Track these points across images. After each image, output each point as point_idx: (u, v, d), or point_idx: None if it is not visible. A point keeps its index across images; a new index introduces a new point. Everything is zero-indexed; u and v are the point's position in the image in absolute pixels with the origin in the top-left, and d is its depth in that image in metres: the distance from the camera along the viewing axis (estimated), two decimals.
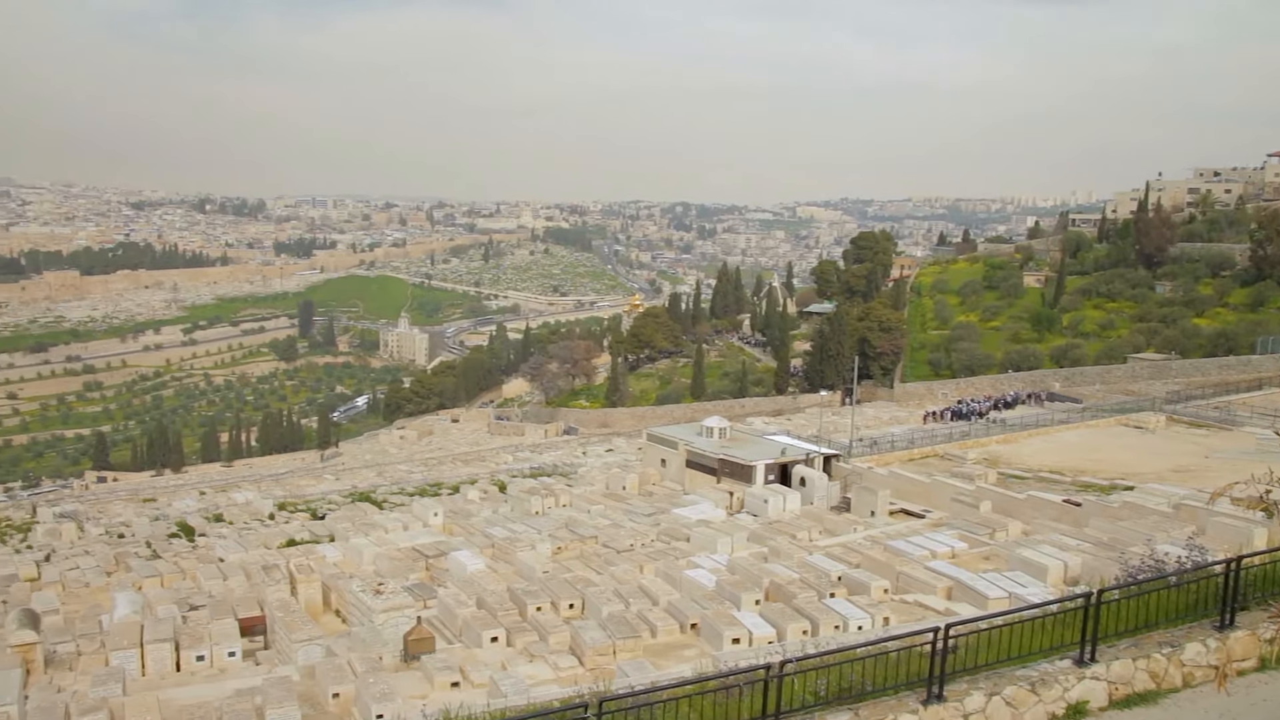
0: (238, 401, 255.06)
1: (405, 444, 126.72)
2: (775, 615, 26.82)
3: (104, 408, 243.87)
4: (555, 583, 31.62)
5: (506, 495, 56.14)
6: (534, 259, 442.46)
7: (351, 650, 25.62)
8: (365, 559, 38.89)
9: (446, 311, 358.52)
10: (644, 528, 41.52)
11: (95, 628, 30.70)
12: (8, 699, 21.84)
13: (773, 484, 46.70)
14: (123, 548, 48.92)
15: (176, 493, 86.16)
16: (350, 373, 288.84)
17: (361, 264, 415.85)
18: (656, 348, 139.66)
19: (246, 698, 21.24)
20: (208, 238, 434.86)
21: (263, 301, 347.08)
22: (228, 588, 36.42)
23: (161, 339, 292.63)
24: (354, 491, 71.30)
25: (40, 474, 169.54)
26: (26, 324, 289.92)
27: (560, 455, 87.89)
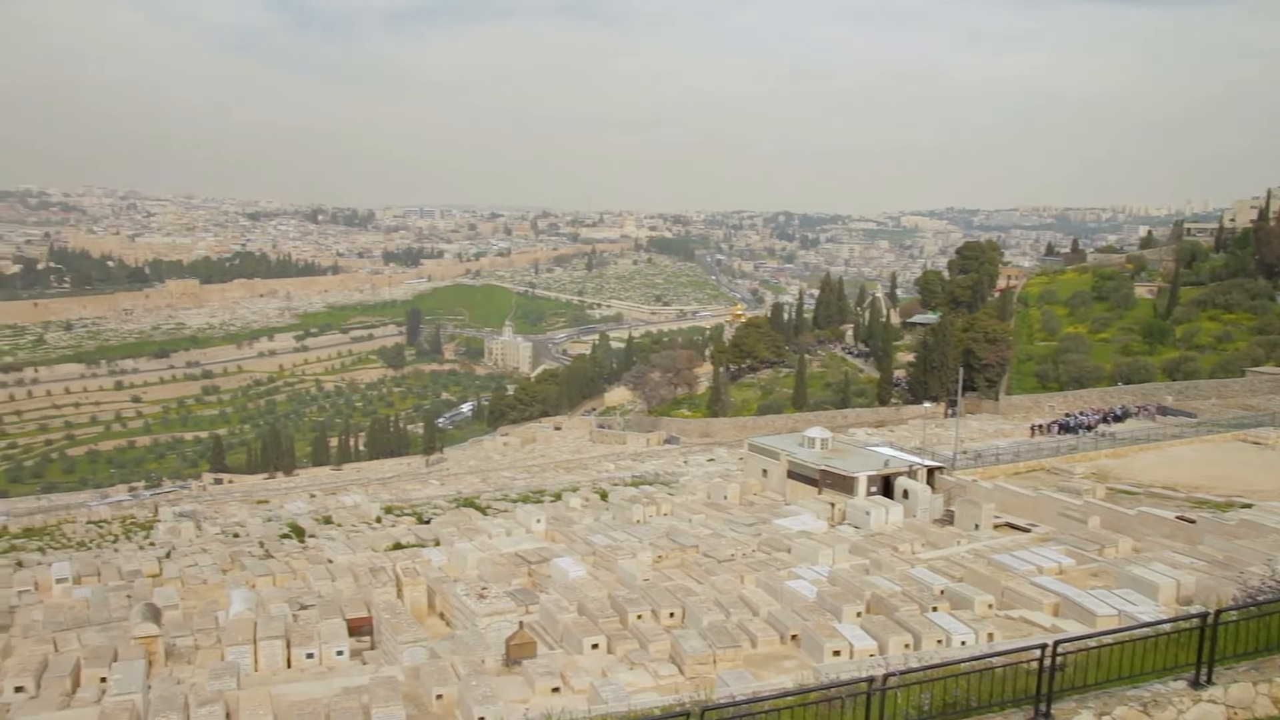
0: (347, 407, 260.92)
1: (509, 451, 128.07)
2: (877, 628, 26.49)
3: (221, 411, 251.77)
4: (656, 591, 31.68)
5: (608, 503, 56.43)
6: (637, 268, 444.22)
7: (455, 653, 26.02)
8: (469, 564, 39.45)
9: (550, 320, 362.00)
10: (745, 538, 41.36)
11: (212, 623, 31.78)
12: (133, 688, 22.74)
13: (875, 496, 46.12)
14: (238, 547, 50.51)
15: (288, 495, 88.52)
16: (455, 380, 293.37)
17: (467, 273, 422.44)
18: (758, 357, 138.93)
19: (353, 696, 21.72)
20: (320, 247, 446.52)
21: (372, 310, 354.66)
22: (336, 588, 37.33)
23: (275, 346, 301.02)
24: (458, 497, 72.41)
25: (161, 474, 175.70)
26: (150, 330, 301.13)
27: (662, 464, 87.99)
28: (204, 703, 21.11)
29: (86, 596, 39.84)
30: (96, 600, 38.30)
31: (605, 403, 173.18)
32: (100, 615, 35.57)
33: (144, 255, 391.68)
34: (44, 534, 71.05)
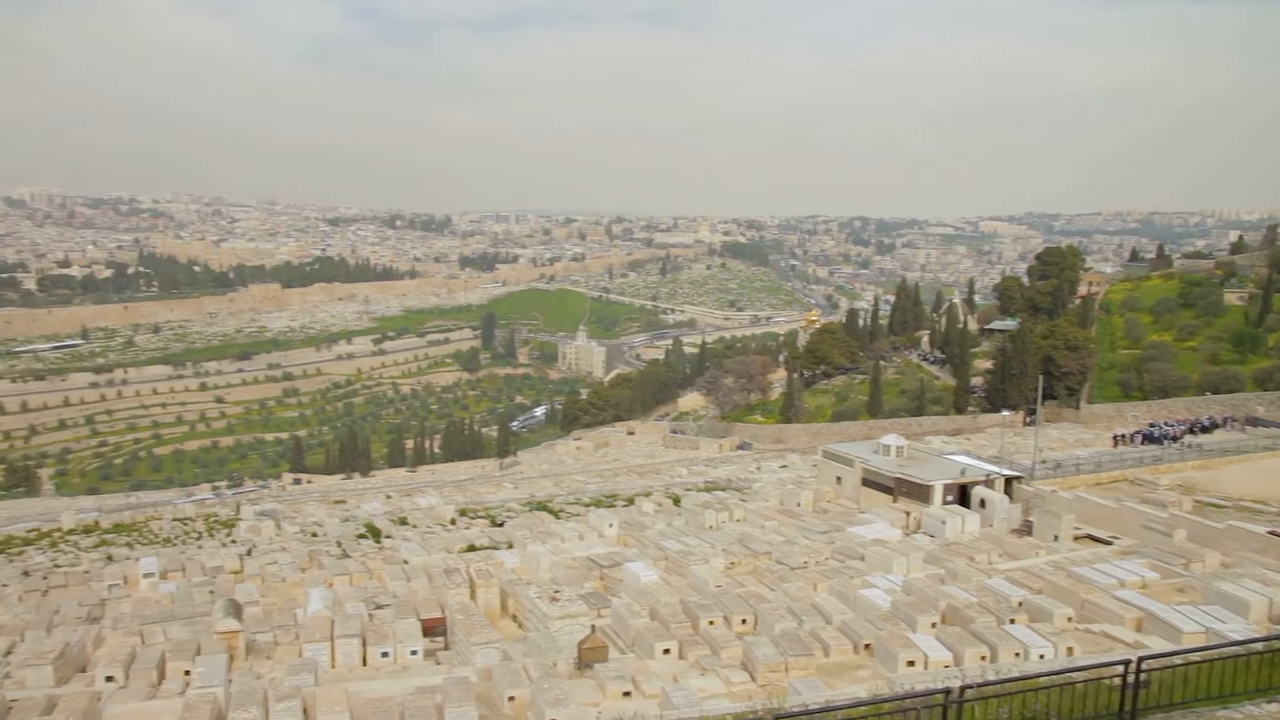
0: (423, 410, 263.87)
1: (581, 455, 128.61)
2: (952, 639, 26.11)
3: (300, 413, 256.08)
4: (728, 597, 31.60)
5: (681, 508, 56.44)
6: (711, 273, 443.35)
7: (527, 655, 26.20)
8: (542, 566, 39.70)
9: (624, 325, 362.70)
10: (818, 545, 41.09)
11: (291, 620, 32.43)
12: (215, 681, 23.29)
13: (951, 505, 45.50)
14: (316, 546, 51.45)
15: (365, 496, 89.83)
16: (529, 384, 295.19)
17: (542, 278, 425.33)
18: (833, 364, 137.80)
19: (427, 696, 21.96)
20: (397, 252, 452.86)
21: (447, 314, 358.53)
22: (411, 589, 37.82)
23: (353, 349, 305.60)
24: (532, 500, 72.89)
25: (243, 474, 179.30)
26: (233, 333, 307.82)
27: (734, 470, 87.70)
28: (282, 698, 21.51)
29: (172, 591, 40.93)
30: (181, 595, 39.33)
31: (678, 408, 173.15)
32: (185, 610, 36.51)
33: (228, 260, 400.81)
34: (132, 530, 73.02)
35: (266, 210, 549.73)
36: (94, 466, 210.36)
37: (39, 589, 45.51)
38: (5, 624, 37.41)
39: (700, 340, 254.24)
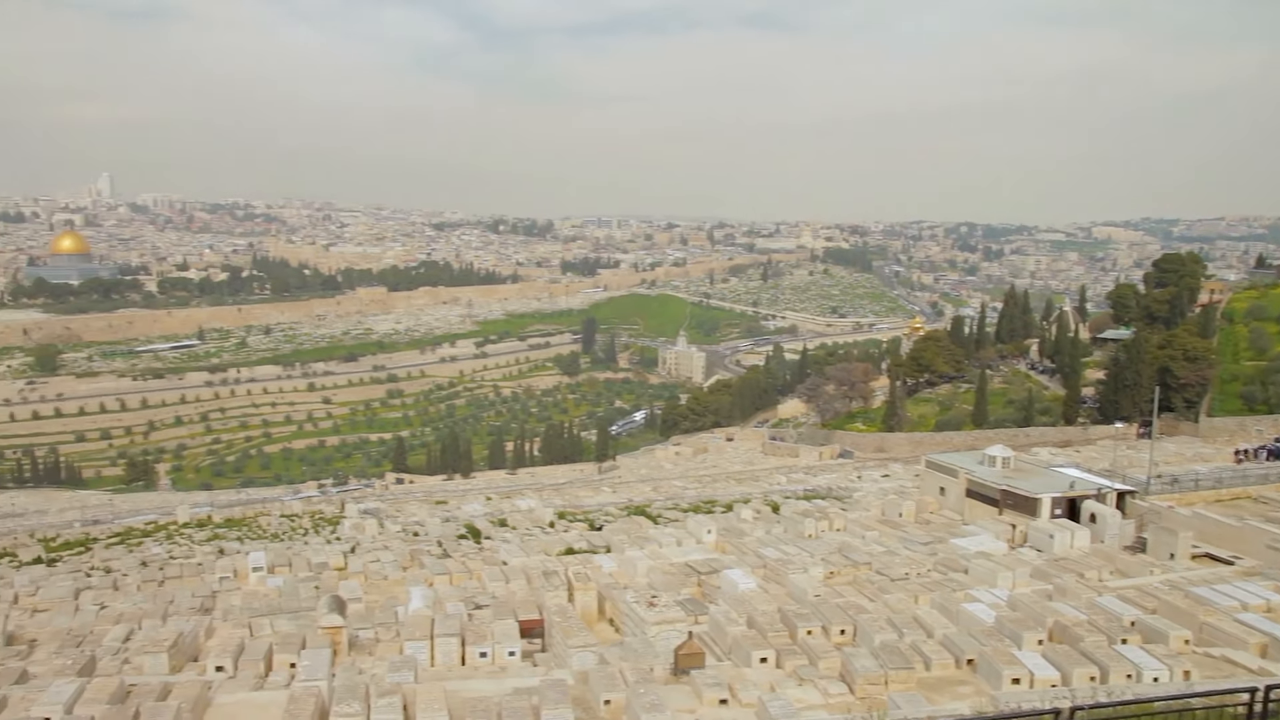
0: (523, 413, 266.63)
1: (680, 460, 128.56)
2: (1060, 658, 25.31)
3: (403, 414, 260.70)
4: (827, 607, 31.17)
5: (780, 516, 55.96)
6: (813, 279, 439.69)
7: (623, 660, 26.16)
8: (639, 571, 39.70)
9: (724, 331, 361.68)
10: (920, 556, 40.32)
11: (392, 618, 32.97)
12: (319, 675, 23.75)
13: (1059, 518, 44.23)
14: (417, 545, 52.29)
15: (465, 497, 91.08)
16: (629, 388, 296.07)
17: (642, 283, 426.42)
18: (937, 372, 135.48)
19: (524, 697, 22.06)
20: (500, 257, 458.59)
21: (549, 318, 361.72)
22: (510, 590, 38.15)
23: (456, 352, 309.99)
24: (630, 505, 73.05)
25: (348, 473, 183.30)
26: (340, 335, 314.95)
27: (835, 478, 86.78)
28: (383, 694, 21.81)
29: (279, 586, 41.96)
30: (288, 590, 40.30)
31: (778, 414, 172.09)
32: (291, 604, 37.41)
33: (337, 264, 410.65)
34: (242, 525, 75.14)
35: (374, 215, 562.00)
36: (207, 463, 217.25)
37: (156, 579, 47.12)
38: (125, 612, 38.83)
39: (801, 346, 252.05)
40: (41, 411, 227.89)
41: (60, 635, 35.36)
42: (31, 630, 37.10)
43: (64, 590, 44.31)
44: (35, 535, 79.37)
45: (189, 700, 22.22)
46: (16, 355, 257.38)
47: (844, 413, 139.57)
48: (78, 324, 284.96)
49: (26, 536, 78.82)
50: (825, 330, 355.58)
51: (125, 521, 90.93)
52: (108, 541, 68.81)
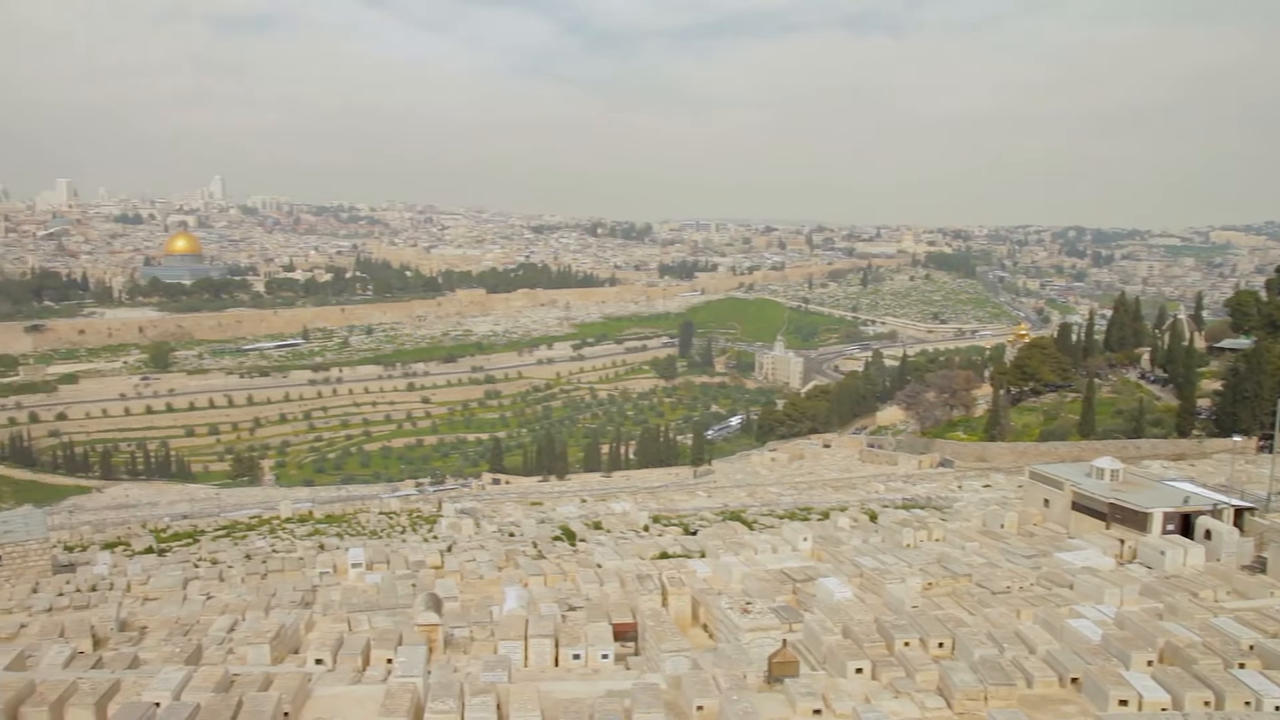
0: (619, 416, 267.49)
1: (776, 466, 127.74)
2: (1171, 680, 24.33)
3: (500, 415, 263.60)
4: (925, 619, 30.50)
5: (877, 525, 55.14)
6: (913, 284, 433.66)
7: (717, 665, 25.93)
8: (734, 577, 39.41)
9: (822, 336, 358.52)
10: (1022, 570, 39.24)
11: (487, 617, 33.25)
12: (415, 672, 23.99)
13: (1171, 534, 42.69)
14: (512, 545, 52.67)
15: (560, 498, 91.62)
16: (725, 393, 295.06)
17: (740, 286, 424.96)
18: (1042, 380, 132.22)
19: (616, 700, 21.97)
20: (598, 259, 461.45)
21: (646, 321, 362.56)
22: (604, 592, 38.17)
23: (553, 354, 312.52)
24: (725, 510, 72.71)
25: (445, 472, 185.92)
26: (440, 336, 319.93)
27: (934, 487, 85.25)
28: (477, 693, 21.92)
29: (377, 582, 42.64)
30: (385, 586, 40.91)
31: (876, 422, 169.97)
32: (388, 600, 37.96)
33: (437, 265, 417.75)
34: (342, 521, 76.66)
35: (475, 218, 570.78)
36: (309, 460, 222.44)
37: (259, 572, 48.27)
38: (230, 603, 39.88)
39: (901, 353, 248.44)
40: (154, 406, 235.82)
41: (169, 623, 36.47)
42: (143, 617, 38.34)
43: (173, 580, 45.68)
44: (147, 526, 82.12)
45: (289, 691, 22.64)
46: (132, 352, 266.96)
47: (944, 421, 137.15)
48: (189, 322, 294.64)
49: (139, 527, 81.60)
50: (926, 336, 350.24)
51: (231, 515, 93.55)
52: (214, 534, 70.81)
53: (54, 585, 44.98)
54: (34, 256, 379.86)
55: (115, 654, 30.39)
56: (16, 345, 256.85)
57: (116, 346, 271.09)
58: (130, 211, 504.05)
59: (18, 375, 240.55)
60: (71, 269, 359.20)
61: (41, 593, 43.47)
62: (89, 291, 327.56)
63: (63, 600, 41.76)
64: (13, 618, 38.40)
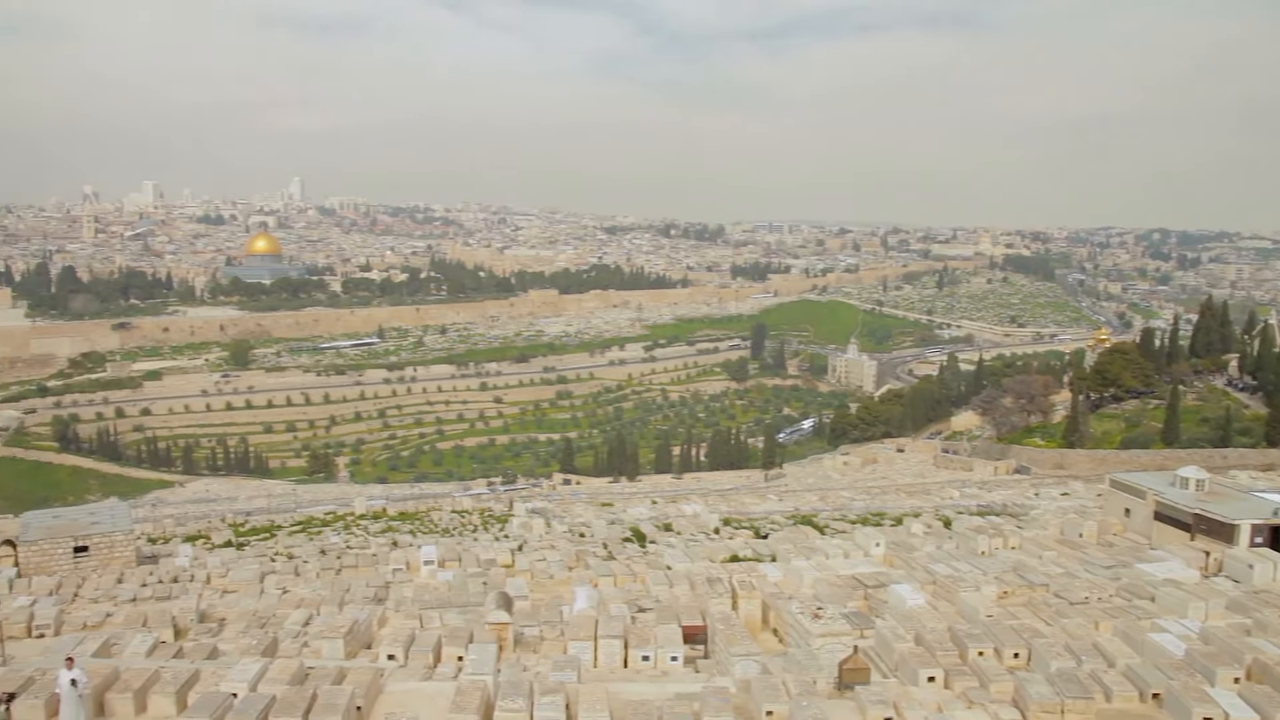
0: (690, 417, 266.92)
1: (848, 470, 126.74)
2: (1260, 699, 23.53)
3: (572, 415, 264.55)
4: (1000, 628, 29.96)
5: (951, 532, 54.36)
6: (990, 287, 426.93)
7: (786, 671, 25.74)
8: (805, 582, 39.11)
9: (896, 339, 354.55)
10: (1102, 581, 38.36)
11: (557, 617, 33.38)
12: (485, 670, 24.18)
13: (1260, 547, 41.42)
14: (583, 546, 52.85)
15: (631, 500, 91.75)
16: (797, 396, 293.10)
17: (813, 289, 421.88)
18: (1123, 387, 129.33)
19: (685, 702, 21.92)
20: (670, 261, 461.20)
21: (718, 323, 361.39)
22: (673, 594, 38.11)
23: (625, 355, 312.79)
24: (796, 514, 72.26)
25: (517, 472, 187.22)
26: (512, 336, 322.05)
27: (1010, 495, 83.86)
28: (547, 692, 22.01)
29: (449, 580, 43.04)
30: (457, 584, 41.29)
31: (951, 427, 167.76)
32: (459, 598, 38.30)
33: (510, 266, 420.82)
34: (415, 519, 77.53)
35: (548, 219, 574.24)
36: (384, 457, 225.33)
37: (333, 567, 49.03)
38: (305, 597, 40.56)
39: (977, 357, 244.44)
40: (234, 403, 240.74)
41: (246, 616, 37.23)
42: (221, 609, 39.19)
43: (251, 574, 46.60)
44: (226, 520, 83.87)
45: (362, 686, 22.98)
46: (213, 349, 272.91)
47: (1021, 427, 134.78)
48: (268, 321, 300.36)
49: (219, 521, 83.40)
50: (1003, 340, 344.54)
51: (306, 511, 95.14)
52: (290, 529, 72.08)
53: (138, 576, 46.13)
54: (121, 256, 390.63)
55: (195, 644, 31.07)
56: (104, 342, 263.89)
57: (198, 344, 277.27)
58: (213, 212, 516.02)
59: (105, 371, 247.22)
60: (157, 268, 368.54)
61: (126, 583, 44.64)
62: (173, 290, 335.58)
63: (146, 591, 42.84)
64: (99, 606, 39.46)
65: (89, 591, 42.93)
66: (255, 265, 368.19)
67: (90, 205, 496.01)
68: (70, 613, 38.31)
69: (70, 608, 39.35)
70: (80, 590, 43.10)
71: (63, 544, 46.87)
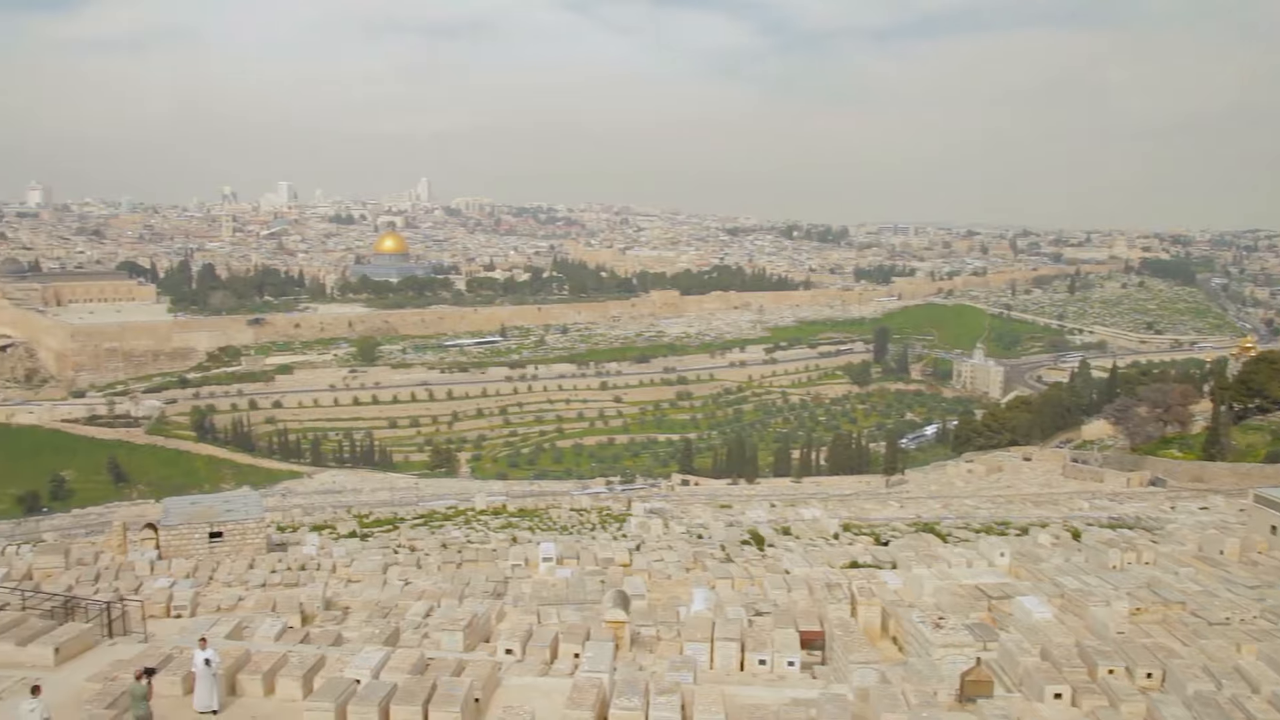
0: (810, 421, 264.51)
1: (972, 478, 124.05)
2: None
3: (691, 416, 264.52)
4: (1132, 646, 28.80)
5: (1080, 544, 52.57)
6: (1126, 292, 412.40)
7: (906, 680, 25.19)
8: (926, 590, 38.33)
9: (1025, 344, 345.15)
10: (1245, 601, 36.58)
11: (674, 617, 33.34)
12: (601, 667, 24.26)
13: None
14: (700, 548, 52.69)
15: (749, 502, 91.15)
16: (920, 401, 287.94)
17: (939, 292, 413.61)
18: (1270, 397, 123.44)
19: (802, 708, 21.62)
20: (793, 262, 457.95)
21: (840, 325, 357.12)
22: (791, 599, 37.71)
23: (745, 357, 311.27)
24: (918, 521, 70.91)
25: (635, 472, 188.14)
26: (633, 337, 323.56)
27: (1144, 507, 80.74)
28: (662, 692, 21.94)
29: (566, 577, 43.40)
30: (575, 582, 41.59)
31: (1081, 435, 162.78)
32: (577, 595, 38.57)
33: (632, 266, 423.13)
34: (534, 515, 78.45)
35: (670, 220, 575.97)
36: (504, 454, 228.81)
37: (454, 561, 49.90)
38: (426, 589, 41.37)
39: (1110, 364, 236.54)
40: (360, 398, 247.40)
41: (370, 605, 38.15)
42: (346, 598, 40.30)
43: (374, 564, 47.75)
44: (351, 511, 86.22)
45: (480, 679, 23.28)
46: (342, 345, 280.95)
47: (1157, 437, 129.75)
48: (395, 318, 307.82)
49: (345, 512, 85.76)
50: (1138, 347, 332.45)
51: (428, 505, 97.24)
52: (413, 522, 73.65)
53: (268, 562, 47.71)
54: (257, 254, 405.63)
55: (321, 631, 31.94)
56: (240, 337, 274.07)
57: (328, 340, 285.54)
58: (343, 212, 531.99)
59: (240, 365, 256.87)
60: (290, 266, 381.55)
61: (257, 569, 46.22)
62: (304, 288, 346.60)
63: (275, 577, 44.29)
64: (231, 590, 40.98)
65: (222, 575, 44.56)
66: (383, 264, 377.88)
67: (229, 205, 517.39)
68: (205, 595, 39.86)
69: (205, 590, 40.93)
70: (214, 574, 44.78)
71: (199, 529, 48.76)
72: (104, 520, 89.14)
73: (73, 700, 21.69)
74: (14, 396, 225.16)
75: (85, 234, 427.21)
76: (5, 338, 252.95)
